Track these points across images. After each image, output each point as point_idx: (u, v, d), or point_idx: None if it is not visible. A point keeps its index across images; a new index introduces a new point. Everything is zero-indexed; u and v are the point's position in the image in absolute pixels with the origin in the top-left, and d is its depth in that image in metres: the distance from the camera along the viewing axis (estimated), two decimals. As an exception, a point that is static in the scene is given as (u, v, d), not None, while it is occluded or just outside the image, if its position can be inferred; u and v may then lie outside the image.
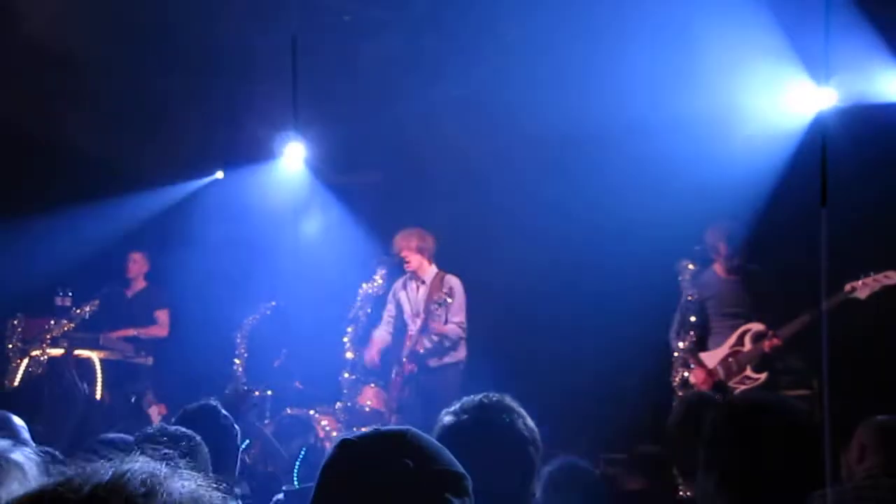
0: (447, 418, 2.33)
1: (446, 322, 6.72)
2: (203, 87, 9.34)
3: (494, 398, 2.33)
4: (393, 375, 6.79)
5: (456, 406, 2.36)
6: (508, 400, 2.34)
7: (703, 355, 6.07)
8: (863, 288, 5.56)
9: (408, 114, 8.57)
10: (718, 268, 6.14)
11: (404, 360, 6.72)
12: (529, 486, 2.28)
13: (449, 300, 6.61)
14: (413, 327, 6.78)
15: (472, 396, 2.36)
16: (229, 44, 8.96)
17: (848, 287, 5.59)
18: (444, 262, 7.17)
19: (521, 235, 8.24)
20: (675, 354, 5.84)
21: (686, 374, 5.86)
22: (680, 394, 5.66)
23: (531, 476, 2.28)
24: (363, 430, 1.73)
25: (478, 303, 7.07)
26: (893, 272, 5.55)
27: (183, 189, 9.68)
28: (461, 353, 6.79)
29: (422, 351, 6.68)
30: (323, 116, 8.89)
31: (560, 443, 7.51)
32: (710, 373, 5.94)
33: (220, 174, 10.09)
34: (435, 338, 6.68)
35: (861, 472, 3.74)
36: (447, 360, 6.72)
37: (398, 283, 6.98)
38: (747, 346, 5.90)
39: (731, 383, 5.88)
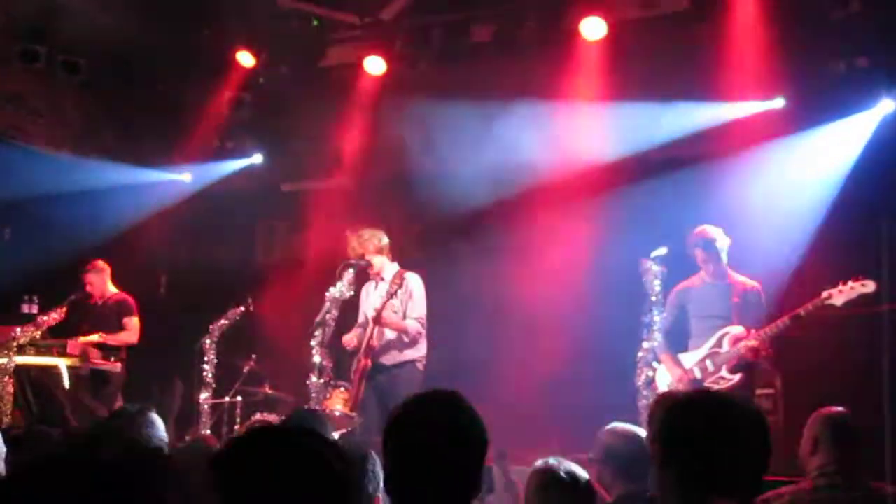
0: (393, 412, 2.39)
1: (405, 317, 6.68)
2: (171, 90, 9.33)
3: (439, 394, 2.37)
4: (350, 373, 6.77)
5: (403, 401, 2.42)
6: (455, 396, 2.37)
7: (681, 356, 6.16)
8: (839, 295, 5.67)
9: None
10: (703, 272, 6.23)
11: (360, 356, 6.69)
12: (470, 482, 2.30)
13: (399, 290, 6.59)
14: (370, 323, 6.75)
15: (420, 392, 2.43)
16: (200, 49, 8.96)
17: (825, 294, 5.71)
18: (412, 262, 7.19)
19: (492, 236, 8.29)
20: (640, 354, 5.90)
21: (650, 373, 5.93)
22: (644, 393, 5.71)
23: (472, 472, 2.31)
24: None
25: (444, 300, 7.09)
26: (870, 280, 5.67)
27: (147, 175, 9.67)
28: (421, 350, 6.73)
29: (376, 346, 6.65)
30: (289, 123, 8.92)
31: (531, 443, 7.59)
32: (686, 372, 6.02)
33: (187, 176, 10.07)
34: (391, 333, 6.67)
35: (814, 467, 3.78)
36: (405, 357, 6.67)
37: (364, 288, 6.98)
38: (725, 348, 5.99)
39: (706, 383, 5.95)
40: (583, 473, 3.45)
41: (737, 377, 5.89)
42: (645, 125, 7.69)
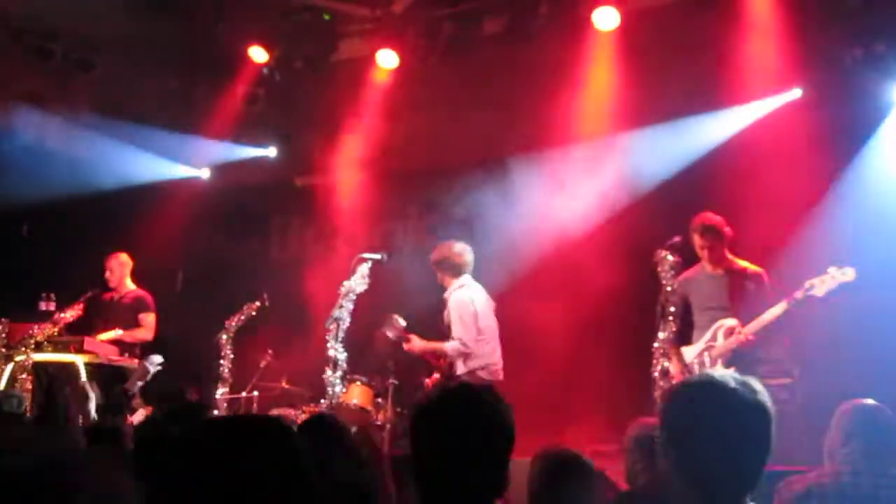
0: (417, 403, 2.38)
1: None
2: (186, 87, 9.36)
3: (470, 387, 2.36)
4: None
5: (431, 392, 2.41)
6: (486, 390, 2.35)
7: (684, 349, 6.12)
8: (820, 284, 5.62)
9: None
10: (705, 262, 6.17)
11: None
12: (496, 474, 2.28)
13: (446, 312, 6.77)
14: None
15: (450, 384, 2.40)
16: (214, 45, 8.98)
17: (807, 283, 5.66)
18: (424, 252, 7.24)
19: (504, 228, 8.27)
20: (656, 345, 5.85)
21: (666, 364, 5.88)
22: (661, 384, 5.67)
23: (498, 465, 2.28)
24: None
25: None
26: (849, 268, 5.61)
27: (162, 172, 9.73)
28: (476, 363, 6.74)
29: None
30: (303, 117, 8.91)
31: (547, 434, 7.57)
32: (685, 367, 5.98)
33: (203, 172, 10.14)
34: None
35: (841, 455, 3.79)
36: (456, 370, 6.74)
37: None
38: (720, 341, 5.95)
39: (702, 376, 5.90)
40: (587, 459, 3.43)
41: (730, 371, 5.82)
42: (667, 146, 7.67)
